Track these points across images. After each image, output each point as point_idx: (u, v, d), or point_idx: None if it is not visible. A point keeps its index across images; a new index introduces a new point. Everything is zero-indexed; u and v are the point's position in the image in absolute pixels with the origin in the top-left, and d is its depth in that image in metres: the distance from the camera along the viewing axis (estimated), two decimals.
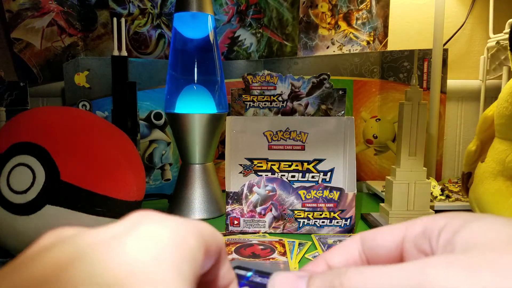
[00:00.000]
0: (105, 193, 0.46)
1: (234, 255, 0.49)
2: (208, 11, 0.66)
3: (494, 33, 0.85)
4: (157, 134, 0.81)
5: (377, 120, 0.86)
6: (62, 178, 0.44)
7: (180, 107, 0.66)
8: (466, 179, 0.62)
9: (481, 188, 0.55)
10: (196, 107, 0.66)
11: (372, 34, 0.88)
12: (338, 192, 0.58)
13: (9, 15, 0.81)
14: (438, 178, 0.87)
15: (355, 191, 0.59)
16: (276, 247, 0.52)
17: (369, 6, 0.87)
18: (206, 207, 0.67)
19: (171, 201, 0.70)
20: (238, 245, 0.53)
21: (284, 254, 0.50)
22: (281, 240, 0.55)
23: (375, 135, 0.87)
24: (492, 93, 0.88)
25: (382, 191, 0.73)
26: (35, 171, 0.44)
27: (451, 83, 0.89)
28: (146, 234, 0.14)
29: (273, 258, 0.49)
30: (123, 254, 0.13)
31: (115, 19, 0.71)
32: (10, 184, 0.44)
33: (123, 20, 0.72)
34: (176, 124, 0.66)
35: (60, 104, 0.84)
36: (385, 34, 0.88)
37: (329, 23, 0.88)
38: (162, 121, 0.81)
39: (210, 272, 0.19)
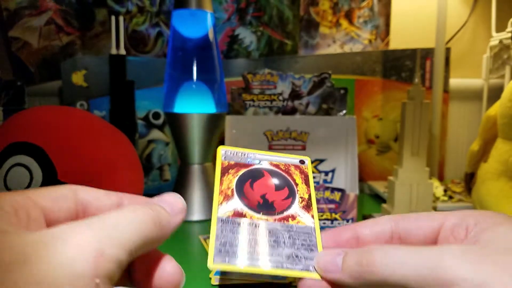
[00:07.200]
0: None
1: None
2: (208, 9, 0.65)
3: (497, 31, 0.84)
4: (155, 133, 0.80)
5: (379, 120, 0.86)
6: (59, 178, 0.43)
7: (179, 107, 0.65)
8: (469, 180, 0.61)
9: (484, 189, 0.55)
10: (195, 106, 0.65)
11: (374, 32, 0.87)
12: (340, 193, 0.57)
13: (7, 14, 0.80)
14: (441, 178, 0.87)
15: (357, 192, 0.58)
16: None
17: (370, 4, 0.86)
18: (205, 207, 0.66)
19: None
20: None
21: None
22: None
23: (377, 135, 0.86)
24: (495, 93, 0.87)
25: (384, 192, 0.73)
26: (32, 171, 0.43)
27: (454, 82, 0.88)
28: None
29: None
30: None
31: (113, 17, 0.71)
32: (7, 185, 0.43)
33: (121, 18, 0.71)
34: (175, 124, 0.66)
35: (57, 104, 0.83)
36: (387, 33, 0.88)
37: (330, 21, 0.87)
38: (160, 121, 0.80)
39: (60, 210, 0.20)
